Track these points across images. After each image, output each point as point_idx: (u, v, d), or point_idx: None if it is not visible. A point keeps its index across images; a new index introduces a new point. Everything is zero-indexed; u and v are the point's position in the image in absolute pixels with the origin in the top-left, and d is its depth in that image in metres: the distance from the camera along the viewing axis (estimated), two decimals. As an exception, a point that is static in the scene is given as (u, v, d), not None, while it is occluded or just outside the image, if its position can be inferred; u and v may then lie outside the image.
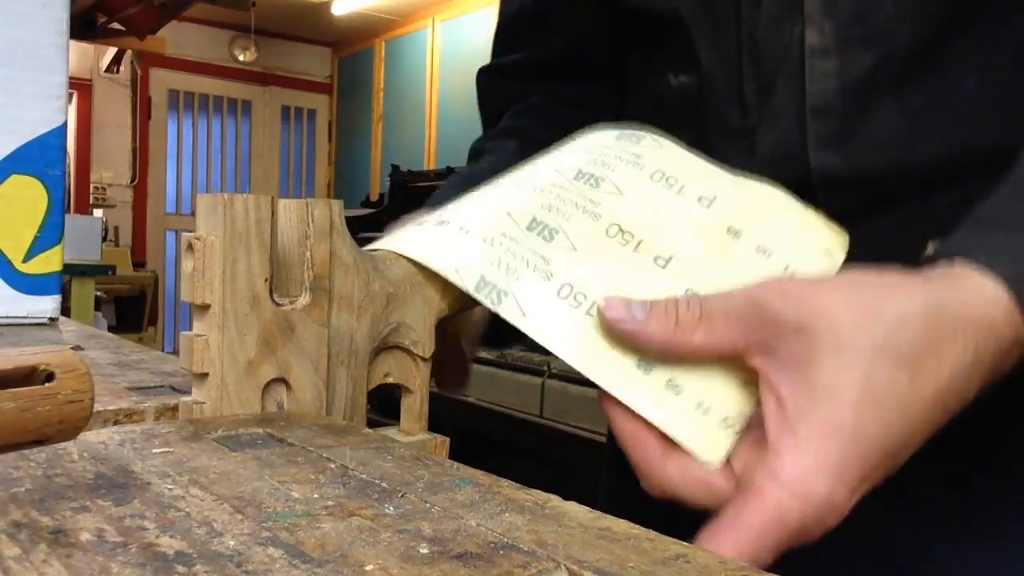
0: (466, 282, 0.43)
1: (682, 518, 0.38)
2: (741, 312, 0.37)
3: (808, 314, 0.35)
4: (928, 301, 0.36)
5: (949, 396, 0.36)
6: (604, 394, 0.40)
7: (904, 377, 0.35)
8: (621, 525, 0.28)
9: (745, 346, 0.37)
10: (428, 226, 0.48)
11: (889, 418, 0.34)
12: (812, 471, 0.34)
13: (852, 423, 0.34)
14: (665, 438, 0.39)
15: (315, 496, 0.28)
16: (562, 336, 0.41)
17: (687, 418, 0.39)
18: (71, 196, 5.83)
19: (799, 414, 0.35)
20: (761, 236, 0.45)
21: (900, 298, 0.36)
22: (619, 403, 0.40)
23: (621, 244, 0.44)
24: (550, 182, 0.48)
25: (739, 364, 0.39)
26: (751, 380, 0.39)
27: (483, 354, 2.84)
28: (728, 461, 0.39)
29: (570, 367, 0.41)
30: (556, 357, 0.41)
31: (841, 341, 0.35)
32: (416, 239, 0.47)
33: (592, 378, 0.40)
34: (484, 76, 0.78)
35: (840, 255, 0.45)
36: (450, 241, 0.46)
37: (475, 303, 0.48)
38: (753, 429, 0.39)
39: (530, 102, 0.73)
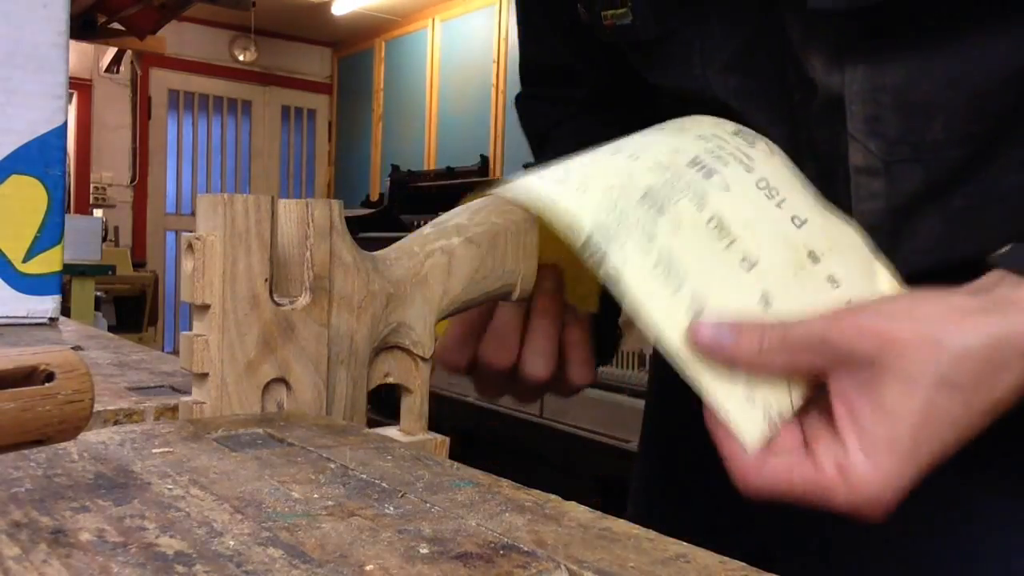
0: (576, 237, 0.45)
1: (715, 521, 0.38)
2: (819, 344, 0.41)
3: (879, 349, 0.39)
4: (989, 334, 0.39)
5: (997, 413, 0.40)
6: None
7: (960, 403, 0.39)
8: (621, 525, 0.28)
9: (821, 371, 0.42)
10: (547, 180, 0.48)
11: (943, 438, 0.39)
12: (870, 474, 0.39)
13: (911, 444, 0.39)
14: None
15: (315, 496, 0.28)
16: (656, 316, 0.44)
17: (743, 409, 0.43)
18: (71, 196, 5.83)
19: (868, 424, 0.39)
20: (835, 267, 0.48)
21: (963, 331, 0.39)
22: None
23: (717, 238, 0.47)
24: (667, 163, 0.49)
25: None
26: (798, 384, 0.44)
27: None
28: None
29: None
30: None
31: (908, 372, 0.39)
32: (534, 186, 0.47)
33: (676, 363, 0.43)
34: (522, 101, 0.77)
35: None
36: (568, 194, 0.47)
37: (478, 303, 0.48)
38: (823, 416, 0.42)
39: (581, 122, 0.71)
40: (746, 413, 0.43)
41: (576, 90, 0.71)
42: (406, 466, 0.33)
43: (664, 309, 0.44)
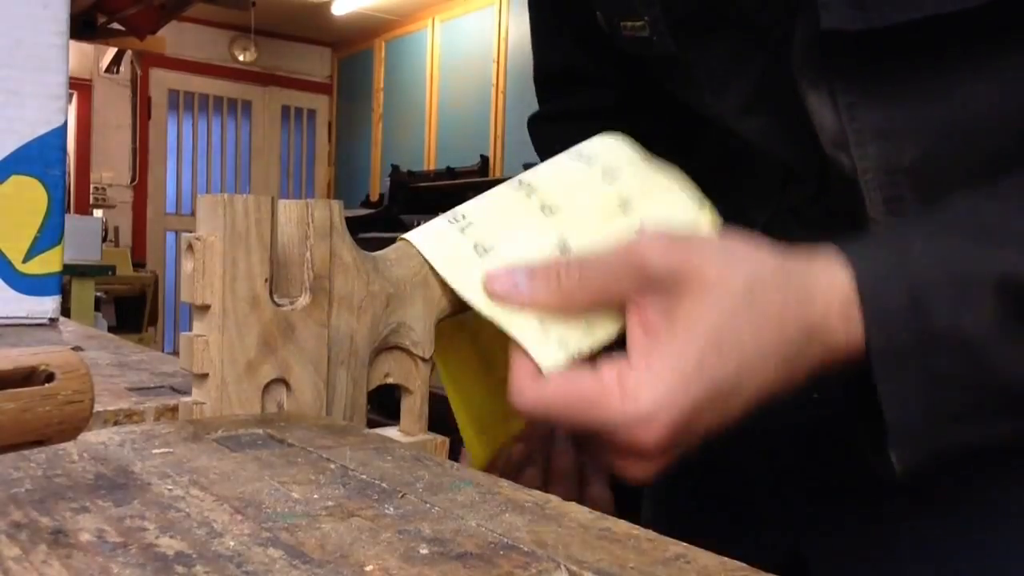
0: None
1: (727, 517, 0.41)
2: (618, 270, 0.42)
3: (680, 270, 0.40)
4: (783, 267, 0.40)
5: (778, 360, 0.40)
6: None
7: (749, 330, 0.39)
8: (621, 525, 0.28)
9: (621, 297, 0.42)
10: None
11: (727, 363, 0.39)
12: (646, 383, 0.39)
13: (695, 362, 0.39)
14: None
15: (315, 496, 0.28)
16: (441, 253, 0.45)
17: (541, 341, 0.43)
18: (71, 196, 5.83)
19: (657, 339, 0.40)
20: (648, 217, 0.49)
21: (757, 261, 0.41)
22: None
23: (514, 188, 0.49)
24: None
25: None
26: (603, 322, 0.44)
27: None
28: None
29: None
30: None
31: (702, 294, 0.39)
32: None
33: (468, 301, 0.44)
34: (536, 124, 0.75)
35: None
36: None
37: None
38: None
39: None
40: (544, 345, 0.43)
41: (596, 95, 0.70)
42: (406, 466, 0.33)
43: (454, 255, 0.45)
